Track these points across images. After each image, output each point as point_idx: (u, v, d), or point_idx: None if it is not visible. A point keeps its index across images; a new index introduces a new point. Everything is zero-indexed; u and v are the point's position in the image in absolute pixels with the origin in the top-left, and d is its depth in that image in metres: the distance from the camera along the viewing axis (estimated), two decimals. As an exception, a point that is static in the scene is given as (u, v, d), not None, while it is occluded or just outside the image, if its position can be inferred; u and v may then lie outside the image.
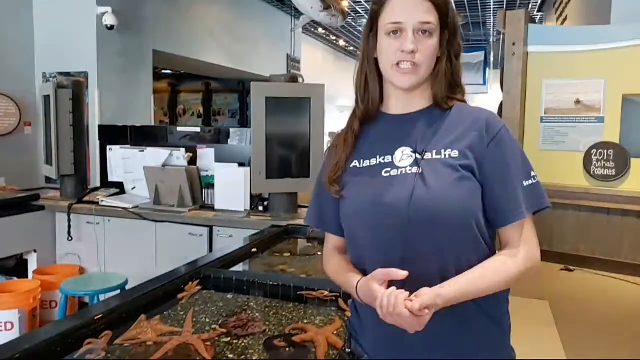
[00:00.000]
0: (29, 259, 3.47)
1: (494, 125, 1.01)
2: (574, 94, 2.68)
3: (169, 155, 3.42)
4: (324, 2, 5.39)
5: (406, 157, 1.03)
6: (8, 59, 4.55)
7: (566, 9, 5.21)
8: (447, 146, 1.01)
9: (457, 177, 0.97)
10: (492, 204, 0.99)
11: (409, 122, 1.07)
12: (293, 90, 3.09)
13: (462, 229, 0.97)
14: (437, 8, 1.01)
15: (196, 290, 1.84)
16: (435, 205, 0.95)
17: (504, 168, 0.99)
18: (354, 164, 1.08)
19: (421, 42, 1.00)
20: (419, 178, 0.98)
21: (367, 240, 1.03)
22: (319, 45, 12.57)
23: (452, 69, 1.06)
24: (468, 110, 1.06)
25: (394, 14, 1.01)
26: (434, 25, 1.00)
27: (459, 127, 1.03)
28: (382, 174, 1.03)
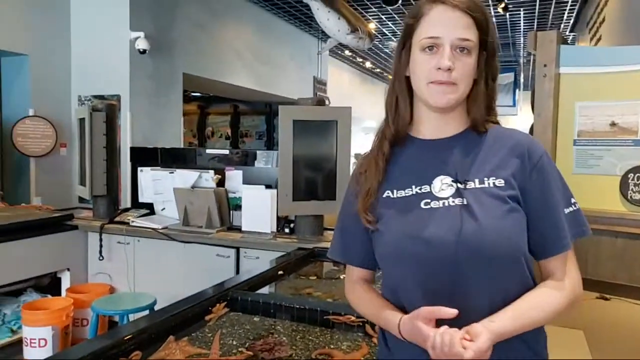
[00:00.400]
0: (62, 277, 3.55)
1: (535, 152, 0.96)
2: (609, 116, 2.61)
3: (198, 177, 3.48)
4: (351, 25, 5.44)
5: (446, 187, 0.95)
6: (47, 83, 4.73)
7: (600, 28, 5.14)
8: (489, 174, 0.95)
9: (506, 209, 0.92)
10: (536, 235, 0.94)
11: (444, 147, 0.99)
12: (320, 113, 3.11)
13: (513, 264, 0.92)
14: (478, 25, 0.94)
15: (223, 312, 1.85)
16: (486, 241, 0.89)
17: (546, 197, 0.95)
18: (386, 194, 1.01)
19: (459, 59, 0.93)
20: (465, 211, 0.91)
21: (409, 278, 0.95)
22: (345, 67, 12.68)
23: (489, 92, 1.00)
24: (505, 133, 1.00)
25: (431, 28, 0.94)
26: (474, 42, 0.94)
27: (498, 153, 0.97)
28: (421, 205, 0.95)
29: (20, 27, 4.45)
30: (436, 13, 0.94)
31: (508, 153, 0.96)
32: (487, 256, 0.89)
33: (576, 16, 7.61)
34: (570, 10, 7.49)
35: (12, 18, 4.37)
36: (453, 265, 0.90)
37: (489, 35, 0.97)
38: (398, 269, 0.98)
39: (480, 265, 0.90)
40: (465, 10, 0.93)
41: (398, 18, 8.28)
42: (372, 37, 6.09)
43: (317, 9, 5.23)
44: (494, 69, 1.00)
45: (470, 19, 0.93)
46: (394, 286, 1.00)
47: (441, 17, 0.94)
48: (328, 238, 3.08)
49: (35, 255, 3.28)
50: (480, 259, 0.89)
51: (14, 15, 4.39)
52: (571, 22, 8.04)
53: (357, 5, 7.35)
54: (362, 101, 13.77)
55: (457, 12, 0.93)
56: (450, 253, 0.90)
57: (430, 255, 0.91)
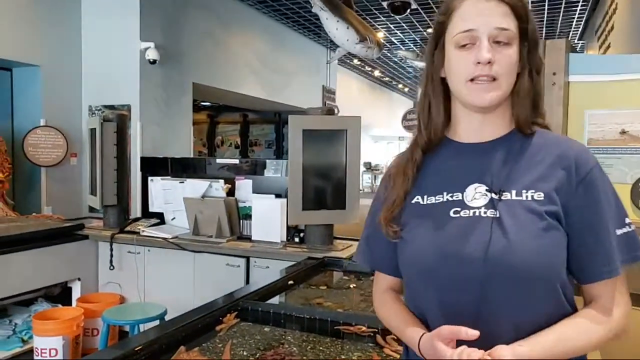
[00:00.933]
0: (73, 287, 3.57)
1: (585, 164, 0.86)
2: (619, 124, 2.60)
3: (208, 187, 3.49)
4: (359, 35, 5.47)
5: (479, 196, 0.87)
6: (58, 93, 4.78)
7: (609, 36, 5.12)
8: (529, 186, 0.86)
9: (543, 226, 0.82)
10: (580, 257, 0.85)
11: (482, 152, 0.91)
12: (329, 122, 3.12)
13: (545, 287, 0.83)
14: (516, 13, 0.86)
15: (234, 323, 1.85)
16: (516, 260, 0.81)
17: (595, 216, 0.85)
18: (416, 199, 0.93)
19: (499, 51, 0.85)
20: (497, 224, 0.83)
21: (430, 294, 0.89)
22: (354, 76, 12.72)
23: (534, 87, 0.90)
24: (553, 140, 0.90)
25: (465, 22, 0.86)
26: (513, 32, 0.86)
27: (543, 162, 0.87)
28: (450, 214, 0.88)
29: (32, 38, 4.52)
30: (468, 5, 0.87)
31: (553, 163, 0.87)
32: (516, 276, 0.81)
33: (585, 24, 7.59)
34: (578, 18, 7.47)
35: (24, 30, 4.44)
36: (478, 284, 0.83)
37: (529, 23, 0.88)
38: (420, 282, 0.91)
39: (508, 286, 0.82)
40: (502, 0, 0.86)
41: (406, 27, 8.31)
42: (380, 46, 6.11)
43: (326, 18, 5.26)
44: (538, 61, 0.91)
45: (506, 7, 0.86)
46: (415, 299, 0.95)
47: (475, 8, 0.86)
48: (338, 247, 3.07)
49: (46, 265, 3.30)
50: (508, 279, 0.81)
51: (26, 26, 4.45)
52: (580, 30, 8.02)
53: (366, 15, 7.38)
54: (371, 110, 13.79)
55: (491, 2, 0.86)
56: (476, 270, 0.82)
57: (454, 272, 0.85)
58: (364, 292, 2.37)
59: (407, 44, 9.53)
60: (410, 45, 9.61)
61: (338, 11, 5.33)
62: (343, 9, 5.47)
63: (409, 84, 15.21)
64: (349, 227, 3.19)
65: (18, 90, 4.74)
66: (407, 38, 9.12)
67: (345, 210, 3.06)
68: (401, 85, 15.35)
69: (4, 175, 4.09)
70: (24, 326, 3.28)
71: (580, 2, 6.72)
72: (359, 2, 6.78)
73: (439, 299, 0.88)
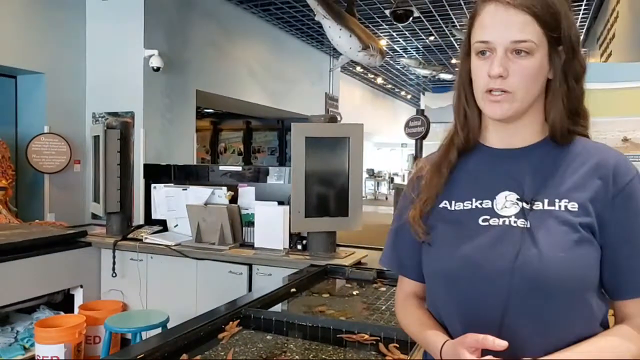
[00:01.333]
0: (75, 294, 3.57)
1: (624, 174, 0.82)
2: (621, 132, 2.60)
3: (211, 194, 3.50)
4: (362, 43, 5.49)
5: (510, 205, 0.84)
6: (62, 100, 4.81)
7: (610, 44, 5.13)
8: (563, 195, 0.82)
9: (576, 238, 0.79)
10: (615, 272, 0.82)
11: (515, 159, 0.87)
12: (332, 130, 3.13)
13: (576, 303, 0.80)
14: (539, 21, 0.81)
15: (236, 331, 1.84)
16: (546, 273, 0.77)
17: (632, 229, 0.81)
18: (443, 204, 0.91)
19: (515, 62, 0.81)
20: (527, 235, 0.80)
21: (453, 304, 0.86)
22: (357, 83, 12.76)
23: (571, 94, 0.85)
24: (591, 148, 0.86)
25: (483, 31, 0.84)
26: (534, 43, 0.81)
27: (578, 171, 0.83)
28: (479, 221, 0.85)
29: (36, 46, 4.55)
30: (488, 12, 0.84)
31: (589, 172, 0.83)
32: (544, 290, 0.78)
33: (586, 32, 7.61)
34: (580, 26, 7.49)
35: (28, 37, 4.48)
36: (503, 296, 0.79)
37: (561, 28, 0.82)
38: (442, 290, 0.88)
39: (535, 300, 0.78)
40: (521, 7, 0.81)
41: (409, 35, 8.34)
42: (383, 54, 6.14)
43: (328, 27, 5.29)
44: (577, 68, 0.85)
45: (527, 16, 0.80)
46: (437, 307, 0.92)
47: (493, 18, 0.83)
48: (341, 255, 3.07)
49: (49, 272, 3.30)
50: (536, 292, 0.78)
51: (30, 34, 4.49)
52: (581, 38, 8.03)
53: (369, 23, 7.42)
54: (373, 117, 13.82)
55: (510, 10, 0.81)
56: (502, 282, 0.79)
57: (479, 282, 0.81)
58: (367, 300, 2.37)
59: (410, 51, 9.56)
60: (413, 52, 9.65)
61: (341, 19, 5.36)
62: (346, 17, 5.50)
63: (411, 91, 15.24)
64: (351, 234, 3.19)
65: (22, 97, 4.77)
66: (409, 46, 9.16)
67: (348, 218, 3.06)
68: (404, 92, 15.38)
69: (7, 182, 4.11)
70: (25, 334, 3.27)
71: (582, 10, 6.74)
72: (362, 10, 6.82)
73: (461, 308, 0.85)
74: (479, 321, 0.81)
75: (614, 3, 5.02)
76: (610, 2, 5.42)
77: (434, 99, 13.91)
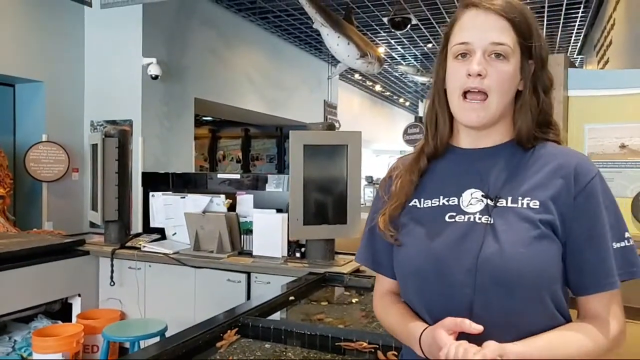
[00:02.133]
0: (73, 303, 3.55)
1: (585, 173, 0.85)
2: (619, 138, 2.61)
3: (209, 202, 3.49)
4: (360, 50, 5.51)
5: (475, 202, 0.87)
6: (61, 108, 4.82)
7: (607, 51, 5.15)
8: (525, 193, 0.85)
9: (536, 234, 0.82)
10: (577, 269, 0.85)
11: (482, 158, 0.91)
12: (330, 137, 3.13)
13: (537, 297, 0.83)
14: (516, 28, 0.85)
15: (235, 339, 1.84)
16: (505, 266, 0.80)
17: (593, 227, 0.84)
18: (413, 202, 0.94)
19: (492, 65, 0.85)
20: (490, 231, 0.83)
21: (421, 298, 0.90)
22: (355, 90, 12.79)
23: (539, 106, 0.89)
24: (554, 150, 0.90)
25: (463, 33, 0.88)
26: (510, 48, 0.85)
27: (541, 170, 0.87)
28: (445, 218, 0.88)
29: (35, 54, 4.56)
30: (468, 17, 0.88)
31: (551, 172, 0.86)
32: (507, 285, 0.81)
33: (584, 39, 7.65)
34: (577, 33, 7.53)
35: (27, 46, 4.49)
36: (470, 292, 0.82)
37: (533, 40, 0.87)
38: (411, 285, 0.92)
39: (499, 295, 0.81)
40: (500, 13, 0.85)
41: (407, 42, 8.37)
42: (381, 61, 6.16)
43: (326, 34, 5.31)
44: (545, 80, 0.90)
45: (505, 22, 0.85)
46: (409, 303, 0.95)
47: (473, 21, 0.87)
48: (339, 262, 3.07)
49: (47, 281, 3.29)
50: (499, 287, 0.81)
51: (29, 43, 4.50)
52: (579, 44, 8.08)
53: (367, 30, 7.45)
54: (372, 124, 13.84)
55: (490, 15, 0.86)
56: (466, 276, 0.82)
57: (445, 277, 0.84)
58: (365, 307, 2.36)
59: (408, 59, 9.59)
60: (411, 60, 9.68)
61: (339, 27, 5.38)
62: (344, 25, 5.52)
63: (410, 98, 15.27)
64: (350, 241, 3.19)
65: (20, 105, 4.77)
66: (407, 53, 9.19)
67: (347, 225, 3.05)
68: (402, 99, 15.42)
69: (5, 190, 4.10)
70: (23, 343, 3.25)
71: (579, 17, 6.78)
72: (360, 18, 6.85)
73: (429, 305, 0.88)
74: (446, 314, 0.83)
75: (611, 10, 5.05)
76: (606, 9, 5.45)
77: (432, 106, 13.91)
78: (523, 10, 0.87)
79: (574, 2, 6.22)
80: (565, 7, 6.39)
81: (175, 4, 5.26)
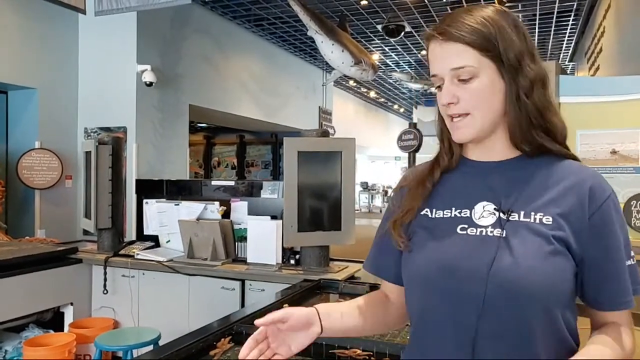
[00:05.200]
0: (65, 312, 3.52)
1: (600, 193, 0.85)
2: (610, 144, 2.63)
3: (204, 209, 3.48)
4: (354, 57, 5.53)
5: (487, 215, 0.87)
6: (54, 115, 4.81)
7: (598, 58, 5.21)
8: (538, 208, 0.85)
9: (550, 250, 0.82)
10: (594, 287, 0.85)
11: (493, 171, 0.91)
12: (324, 144, 3.14)
13: (548, 312, 0.82)
14: (473, 46, 0.85)
15: (228, 347, 1.82)
16: (520, 281, 0.80)
17: (611, 246, 0.84)
18: (424, 211, 0.94)
19: (462, 88, 0.87)
20: (503, 244, 0.83)
21: (432, 311, 0.88)
22: (350, 97, 12.83)
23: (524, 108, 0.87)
24: (568, 167, 0.90)
25: (431, 66, 0.91)
26: (473, 66, 0.85)
27: (555, 187, 0.87)
28: (457, 230, 0.88)
29: (29, 61, 4.55)
30: (431, 50, 0.91)
31: (566, 190, 0.86)
32: (519, 298, 0.80)
33: (575, 46, 7.73)
34: (568, 40, 7.60)
35: (21, 53, 4.48)
36: (480, 303, 0.81)
37: (498, 48, 0.86)
38: (420, 294, 0.91)
39: (510, 307, 0.81)
40: (453, 39, 0.86)
41: (401, 49, 8.42)
42: (375, 68, 6.19)
43: (321, 42, 5.33)
44: (523, 82, 0.87)
45: (460, 45, 0.86)
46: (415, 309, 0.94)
47: (433, 53, 0.90)
48: (334, 269, 3.06)
49: (38, 290, 3.26)
50: (510, 299, 0.80)
51: (23, 50, 4.49)
52: (570, 52, 8.16)
53: (361, 38, 7.49)
54: (367, 130, 13.88)
55: (444, 45, 0.87)
56: (477, 287, 0.81)
57: (455, 287, 0.84)
58: (360, 314, 2.35)
59: (402, 65, 9.64)
60: (405, 67, 9.73)
61: (333, 35, 5.40)
62: (338, 33, 5.55)
63: (404, 104, 15.34)
64: (345, 248, 3.18)
65: (13, 112, 4.76)
66: (401, 60, 9.24)
67: (341, 232, 3.05)
68: (396, 106, 15.48)
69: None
70: (14, 353, 3.22)
71: (569, 25, 6.84)
72: (354, 25, 6.88)
73: (437, 314, 0.87)
74: (455, 326, 0.83)
75: (600, 18, 5.11)
76: (596, 17, 5.51)
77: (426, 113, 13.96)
78: (480, 23, 0.86)
79: (565, 11, 6.29)
80: (556, 16, 6.46)
81: (170, 11, 5.27)
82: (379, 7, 6.22)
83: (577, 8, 6.17)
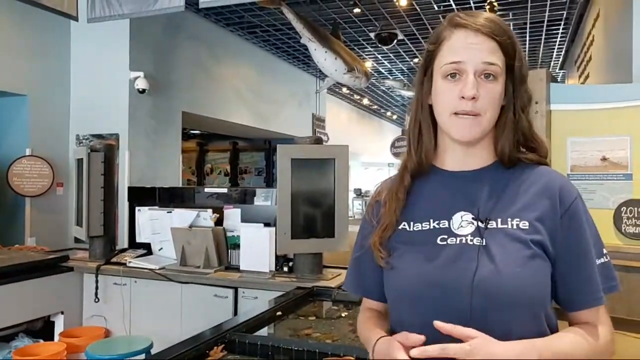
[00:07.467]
0: (55, 321, 3.48)
1: (569, 194, 0.88)
2: (600, 152, 2.66)
3: (196, 216, 3.47)
4: (347, 65, 5.56)
5: (466, 224, 0.88)
6: (45, 122, 4.78)
7: (587, 66, 5.26)
8: (514, 214, 0.87)
9: (529, 254, 0.83)
10: (567, 286, 0.87)
11: (468, 181, 0.92)
12: (317, 151, 3.14)
13: (533, 316, 0.84)
14: (504, 49, 0.87)
15: (221, 355, 1.82)
16: (503, 286, 0.81)
17: (579, 245, 0.87)
18: (402, 225, 0.94)
19: (483, 86, 0.86)
20: (483, 252, 0.84)
21: (416, 322, 0.87)
22: (343, 104, 12.86)
23: (518, 123, 0.90)
24: (538, 172, 0.92)
25: (454, 53, 0.87)
26: (500, 68, 0.86)
27: (528, 192, 0.89)
28: (437, 241, 0.89)
29: (20, 68, 4.53)
30: (458, 37, 0.88)
31: (538, 193, 0.88)
32: (503, 304, 0.82)
33: (565, 54, 7.81)
34: (559, 48, 7.68)
35: (11, 59, 4.45)
36: (466, 313, 0.82)
37: (516, 59, 0.89)
38: (405, 309, 0.91)
39: (496, 314, 0.82)
40: (489, 34, 0.86)
41: (393, 57, 8.46)
42: (368, 76, 6.22)
43: (314, 49, 5.36)
44: (524, 98, 0.91)
45: (494, 43, 0.86)
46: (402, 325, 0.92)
47: (464, 41, 0.87)
48: (327, 276, 3.06)
49: (29, 299, 3.22)
50: (496, 306, 0.82)
51: (14, 56, 4.47)
52: (560, 60, 8.24)
53: (354, 45, 7.52)
54: (360, 137, 13.91)
55: (479, 36, 0.86)
56: (462, 298, 0.82)
57: (441, 300, 0.85)
58: (353, 322, 2.34)
59: (395, 73, 9.69)
60: (398, 74, 9.78)
61: (326, 42, 5.43)
62: (331, 40, 5.58)
63: (397, 111, 15.40)
64: (338, 255, 3.18)
65: (4, 119, 4.73)
66: (394, 68, 9.28)
67: (334, 239, 3.05)
68: (389, 113, 15.54)
69: (-12, 206, 4.04)
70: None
71: (560, 33, 6.91)
72: (347, 33, 6.92)
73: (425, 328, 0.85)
74: (443, 339, 0.82)
75: (590, 27, 5.17)
76: (586, 26, 5.58)
77: (418, 120, 14.04)
78: (508, 31, 0.88)
79: (555, 20, 6.36)
80: (546, 24, 6.53)
81: (163, 18, 5.27)
82: (372, 15, 6.26)
83: (566, 17, 6.24)
